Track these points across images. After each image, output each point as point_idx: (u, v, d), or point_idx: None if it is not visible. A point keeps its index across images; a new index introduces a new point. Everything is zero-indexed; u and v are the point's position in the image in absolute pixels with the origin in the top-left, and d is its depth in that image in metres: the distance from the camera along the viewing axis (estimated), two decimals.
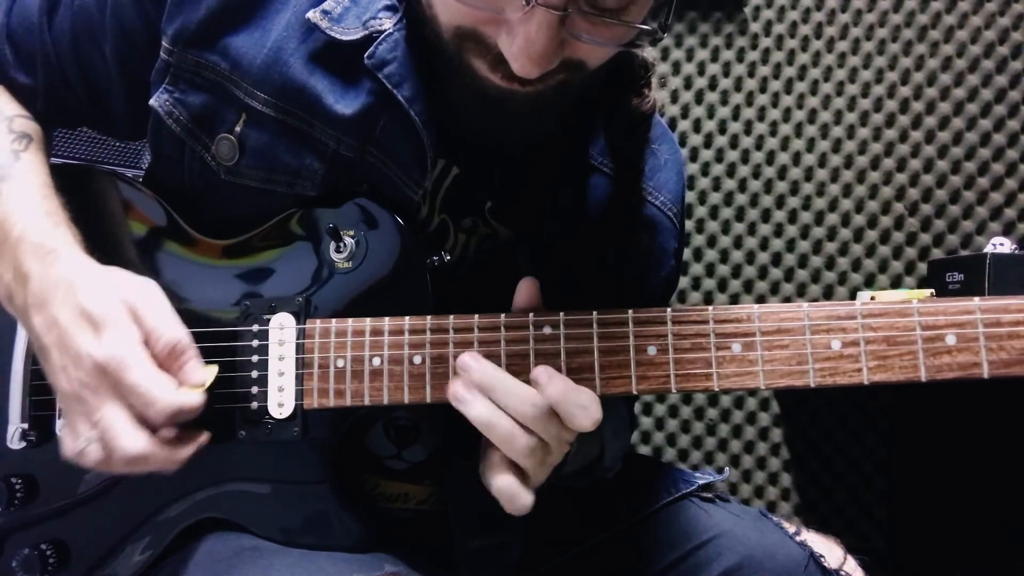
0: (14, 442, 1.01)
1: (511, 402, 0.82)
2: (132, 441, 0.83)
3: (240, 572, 0.90)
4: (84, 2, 1.03)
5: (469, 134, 1.00)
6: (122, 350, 0.84)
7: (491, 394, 0.83)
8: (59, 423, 1.00)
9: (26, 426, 1.00)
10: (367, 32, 0.96)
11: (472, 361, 0.84)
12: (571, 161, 1.05)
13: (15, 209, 0.94)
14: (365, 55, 0.95)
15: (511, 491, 0.85)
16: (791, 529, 1.07)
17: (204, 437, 0.87)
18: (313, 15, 0.96)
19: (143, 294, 0.89)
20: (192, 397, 0.85)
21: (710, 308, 0.83)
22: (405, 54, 0.96)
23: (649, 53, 1.06)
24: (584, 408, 0.82)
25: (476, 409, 0.83)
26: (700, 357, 0.82)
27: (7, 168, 0.98)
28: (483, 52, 0.86)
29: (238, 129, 0.98)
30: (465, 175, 1.03)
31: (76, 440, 0.85)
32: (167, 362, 0.86)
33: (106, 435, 0.83)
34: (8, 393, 1.02)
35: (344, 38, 0.96)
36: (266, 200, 0.99)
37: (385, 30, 0.96)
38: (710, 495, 1.14)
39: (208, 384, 0.88)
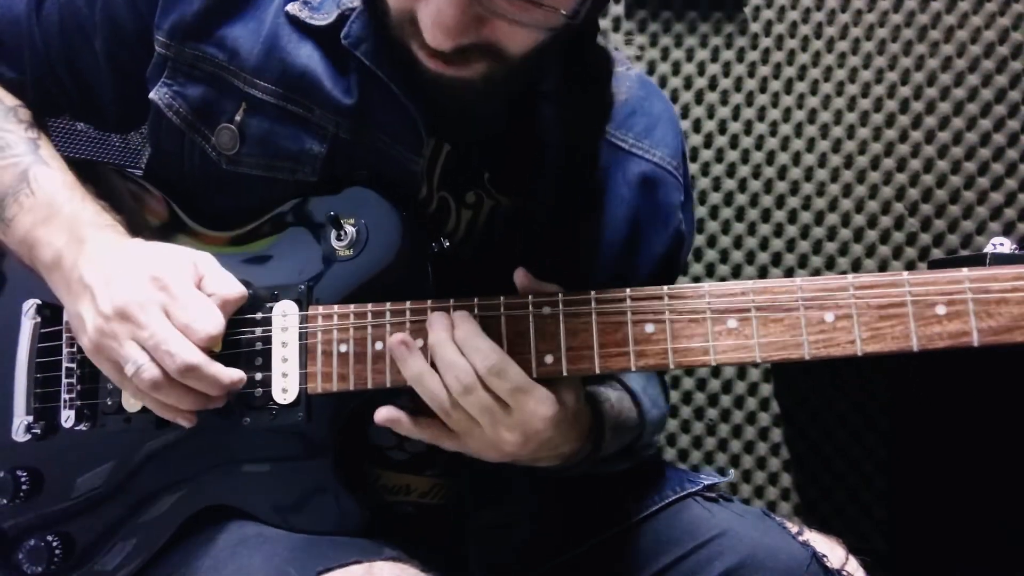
0: (19, 435, 1.02)
1: (446, 374, 0.86)
2: (188, 346, 0.86)
3: (244, 558, 0.91)
4: None
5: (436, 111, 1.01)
6: (177, 270, 0.89)
7: (435, 359, 0.86)
8: (64, 415, 1.00)
9: (31, 419, 1.01)
10: (340, 11, 0.98)
11: (436, 319, 0.88)
12: (549, 128, 1.06)
13: (60, 190, 0.98)
14: (341, 35, 0.97)
15: (391, 418, 0.91)
16: (793, 529, 1.07)
17: (241, 375, 0.92)
18: (292, 7, 0.98)
19: (207, 257, 0.95)
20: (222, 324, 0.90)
21: (705, 284, 0.84)
22: (376, 31, 0.97)
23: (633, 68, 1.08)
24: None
25: (411, 368, 0.88)
26: (697, 333, 0.83)
27: (31, 155, 1.01)
28: (417, 32, 0.87)
29: (238, 118, 0.99)
30: (457, 150, 1.04)
31: (125, 368, 0.88)
32: (225, 308, 0.92)
33: (161, 346, 0.86)
34: (13, 387, 1.03)
35: (321, 23, 0.98)
36: (267, 189, 1.00)
37: (356, 7, 0.98)
38: (713, 495, 1.14)
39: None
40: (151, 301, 0.86)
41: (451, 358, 0.85)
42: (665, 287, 0.85)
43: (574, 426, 0.92)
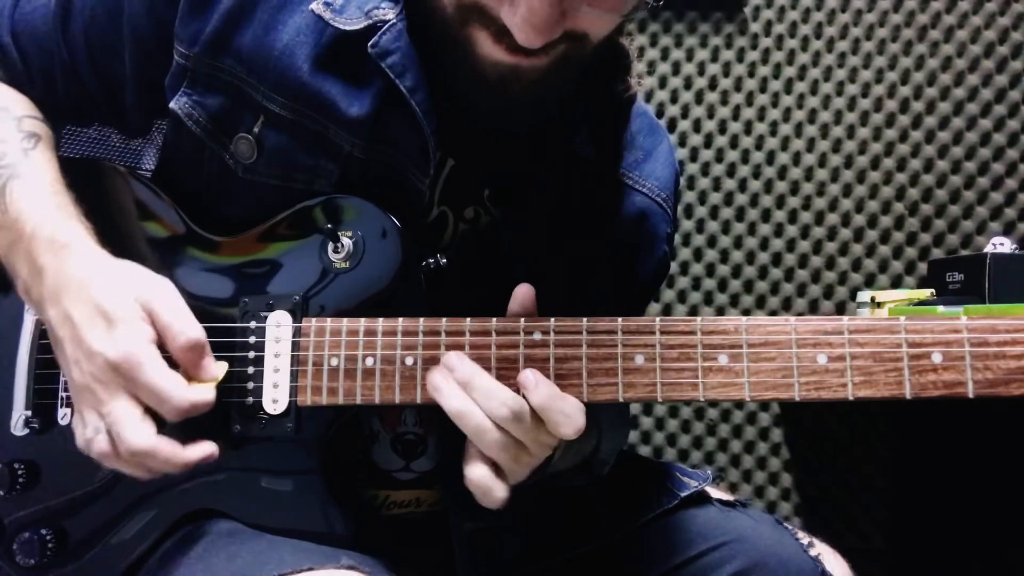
0: (18, 428, 1.03)
1: (488, 403, 0.84)
2: (138, 434, 0.85)
3: (212, 556, 0.93)
4: (95, 13, 1.05)
5: (473, 121, 1.02)
6: (135, 349, 0.85)
7: (470, 392, 0.84)
8: (61, 412, 1.02)
9: (29, 413, 1.03)
10: (370, 21, 0.98)
11: (456, 360, 0.86)
12: (557, 148, 1.07)
13: (26, 206, 0.95)
14: (368, 44, 0.97)
15: (484, 483, 0.87)
16: (805, 540, 1.07)
17: (211, 449, 0.89)
18: (316, 6, 0.99)
19: (157, 291, 0.90)
20: (205, 392, 0.87)
21: (698, 319, 0.84)
22: (408, 44, 0.97)
23: (633, 44, 1.09)
24: (567, 416, 0.83)
25: (450, 400, 0.85)
26: (687, 367, 0.83)
27: (16, 167, 0.99)
28: (487, 24, 0.88)
29: (256, 130, 1.00)
30: (462, 166, 1.04)
31: (85, 429, 0.87)
32: (183, 358, 0.88)
33: (114, 427, 0.85)
34: (13, 381, 1.04)
35: (347, 28, 0.98)
36: (282, 198, 1.01)
37: (388, 20, 0.98)
38: (730, 499, 1.15)
39: (220, 379, 0.90)
40: (115, 386, 0.85)
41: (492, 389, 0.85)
42: (657, 319, 0.85)
43: None
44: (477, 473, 0.87)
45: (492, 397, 0.84)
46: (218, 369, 0.90)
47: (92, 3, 1.05)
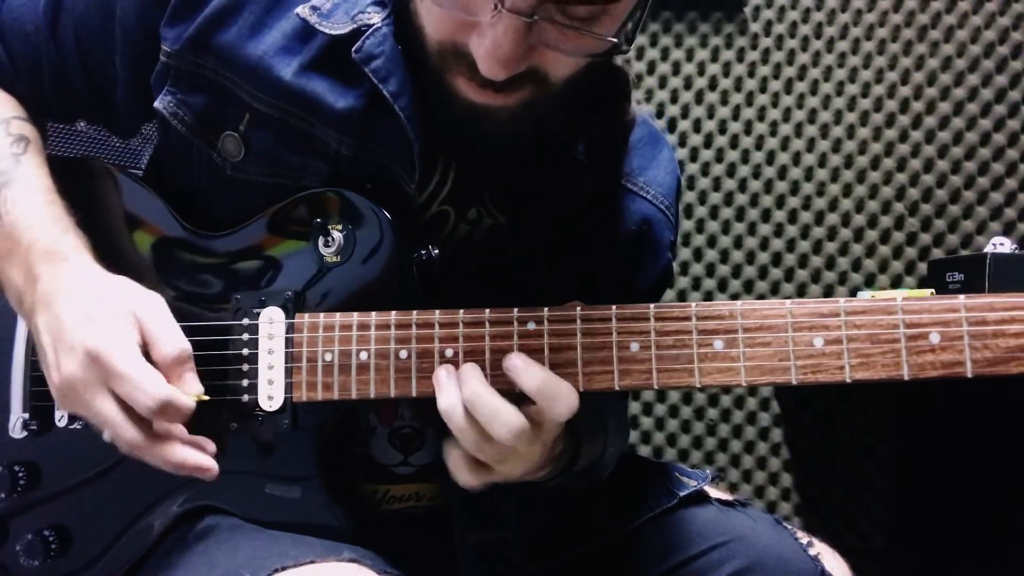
0: (16, 431, 1.03)
1: (493, 427, 0.83)
2: (128, 431, 0.85)
3: (213, 550, 0.93)
4: (87, 13, 1.04)
5: (453, 137, 1.01)
6: (114, 340, 0.85)
7: (474, 411, 0.84)
8: (59, 414, 1.02)
9: (27, 415, 1.03)
10: (355, 26, 0.97)
11: (477, 384, 0.85)
12: (557, 156, 1.07)
13: (22, 216, 0.95)
14: (352, 49, 0.96)
15: (454, 467, 0.90)
16: (804, 540, 1.07)
17: (205, 459, 0.89)
18: (303, 10, 0.98)
19: (150, 305, 0.91)
20: (183, 397, 0.86)
21: (693, 305, 0.83)
22: (393, 48, 0.97)
23: (632, 68, 1.08)
24: (562, 397, 0.83)
25: (444, 399, 0.85)
26: (682, 354, 0.83)
27: (9, 173, 0.99)
28: (461, 63, 0.87)
29: (242, 128, 1.00)
30: (463, 168, 1.04)
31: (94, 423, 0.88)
32: (170, 369, 0.88)
33: (109, 427, 0.86)
34: (10, 383, 1.04)
35: (332, 32, 0.97)
36: (271, 196, 1.00)
37: (373, 24, 0.97)
38: (730, 499, 1.14)
39: (200, 396, 0.89)
40: (93, 381, 0.85)
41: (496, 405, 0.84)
42: (651, 305, 0.84)
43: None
44: (451, 458, 0.90)
45: (496, 421, 0.84)
46: (199, 387, 0.90)
47: (83, 3, 1.04)
